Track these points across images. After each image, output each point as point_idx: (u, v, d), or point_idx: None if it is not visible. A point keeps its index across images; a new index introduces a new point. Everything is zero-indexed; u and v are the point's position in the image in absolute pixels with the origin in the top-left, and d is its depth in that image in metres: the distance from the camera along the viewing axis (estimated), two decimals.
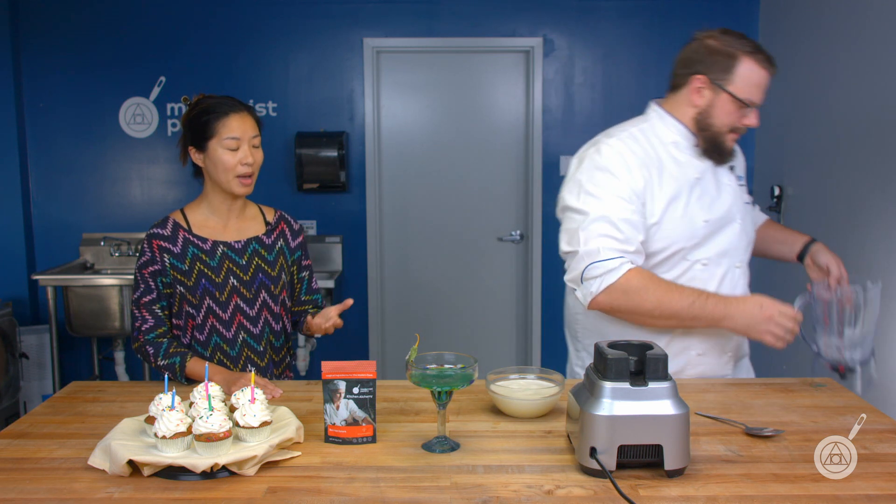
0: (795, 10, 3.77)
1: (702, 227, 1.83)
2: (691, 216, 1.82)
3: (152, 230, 1.93)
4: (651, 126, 1.89)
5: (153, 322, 1.91)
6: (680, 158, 1.85)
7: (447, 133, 4.39)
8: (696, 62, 1.82)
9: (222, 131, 1.86)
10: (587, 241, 1.76)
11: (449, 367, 1.48)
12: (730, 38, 1.79)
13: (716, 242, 1.85)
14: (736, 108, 1.79)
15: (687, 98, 1.84)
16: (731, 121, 1.81)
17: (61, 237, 4.26)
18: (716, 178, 1.88)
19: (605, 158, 1.82)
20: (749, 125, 1.82)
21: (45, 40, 4.15)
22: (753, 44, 1.78)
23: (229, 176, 1.88)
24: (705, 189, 1.85)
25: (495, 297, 4.52)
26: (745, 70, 1.77)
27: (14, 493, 1.28)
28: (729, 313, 1.74)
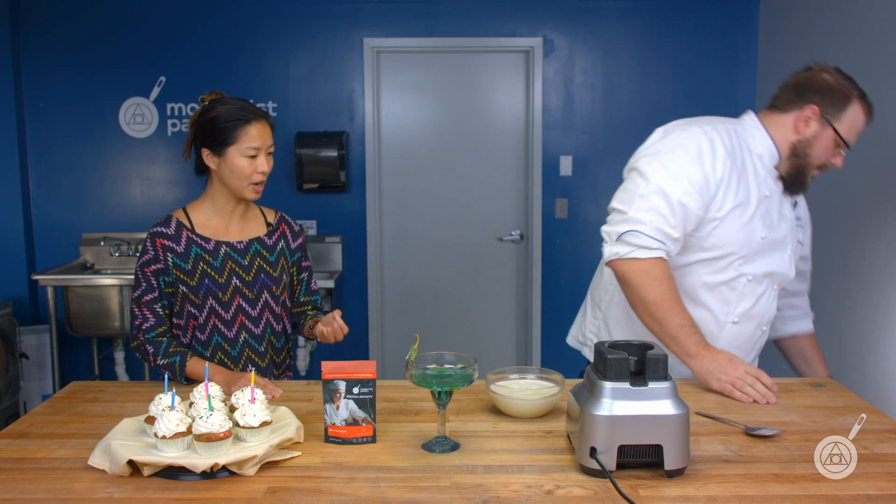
0: (795, 10, 3.77)
1: (758, 242, 1.85)
2: (752, 227, 1.84)
3: (155, 228, 1.92)
4: (744, 130, 1.89)
5: (154, 321, 1.91)
6: (759, 171, 1.87)
7: (447, 133, 4.39)
8: (811, 92, 1.84)
9: (243, 139, 1.86)
10: (639, 209, 1.77)
11: (449, 367, 1.48)
12: (844, 79, 1.84)
13: (766, 262, 1.89)
14: (834, 145, 1.84)
15: (792, 123, 1.86)
16: (825, 157, 1.85)
17: (61, 237, 4.26)
18: (780, 205, 1.91)
19: (692, 141, 1.80)
20: (835, 165, 1.87)
21: (45, 40, 4.16)
22: (862, 90, 1.84)
23: (244, 183, 1.89)
24: (770, 209, 1.88)
25: (495, 297, 4.52)
26: (853, 113, 1.82)
27: (14, 493, 1.28)
28: (701, 354, 1.76)
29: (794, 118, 1.85)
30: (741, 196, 1.82)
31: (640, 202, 1.77)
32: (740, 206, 1.82)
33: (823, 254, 3.39)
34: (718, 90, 4.25)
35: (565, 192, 4.34)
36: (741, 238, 1.83)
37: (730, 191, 1.80)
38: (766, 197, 1.86)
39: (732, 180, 1.81)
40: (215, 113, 1.87)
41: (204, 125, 1.89)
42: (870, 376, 2.98)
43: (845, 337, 3.15)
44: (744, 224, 1.82)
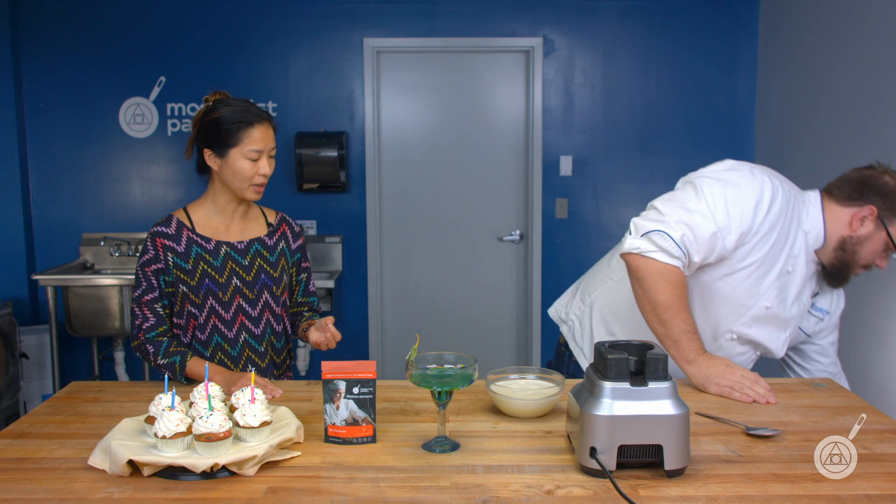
0: (795, 10, 3.77)
1: (760, 309, 1.87)
2: (761, 293, 1.84)
3: (156, 228, 1.92)
4: (803, 203, 1.88)
5: (154, 320, 1.91)
6: (797, 247, 1.85)
7: (447, 133, 4.39)
8: (872, 192, 1.82)
9: (246, 142, 1.86)
10: (678, 218, 1.75)
11: (449, 367, 1.48)
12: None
13: (759, 331, 1.90)
14: (884, 248, 1.84)
15: (848, 218, 1.84)
16: (873, 257, 1.86)
17: (61, 237, 4.26)
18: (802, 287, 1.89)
19: (758, 186, 1.79)
20: (879, 267, 1.88)
21: (45, 40, 4.16)
22: None
23: (245, 185, 1.89)
24: (789, 285, 1.86)
25: (495, 297, 4.52)
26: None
27: (14, 493, 1.28)
28: (699, 360, 1.78)
29: (851, 214, 1.83)
30: (770, 258, 1.81)
31: (682, 213, 1.76)
32: (763, 266, 1.81)
33: None
34: (718, 90, 4.25)
35: (565, 192, 4.34)
36: (745, 296, 1.85)
37: (762, 247, 1.80)
38: (788, 273, 1.85)
39: (770, 239, 1.80)
40: (219, 114, 1.87)
41: (207, 126, 1.88)
42: (870, 376, 2.98)
43: (845, 337, 3.14)
44: (755, 285, 1.83)
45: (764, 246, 1.79)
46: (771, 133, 4.06)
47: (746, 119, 4.26)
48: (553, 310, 2.28)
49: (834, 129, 3.34)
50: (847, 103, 3.22)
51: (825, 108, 3.44)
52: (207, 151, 1.89)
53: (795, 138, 3.74)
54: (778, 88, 3.98)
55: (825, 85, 3.43)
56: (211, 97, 1.92)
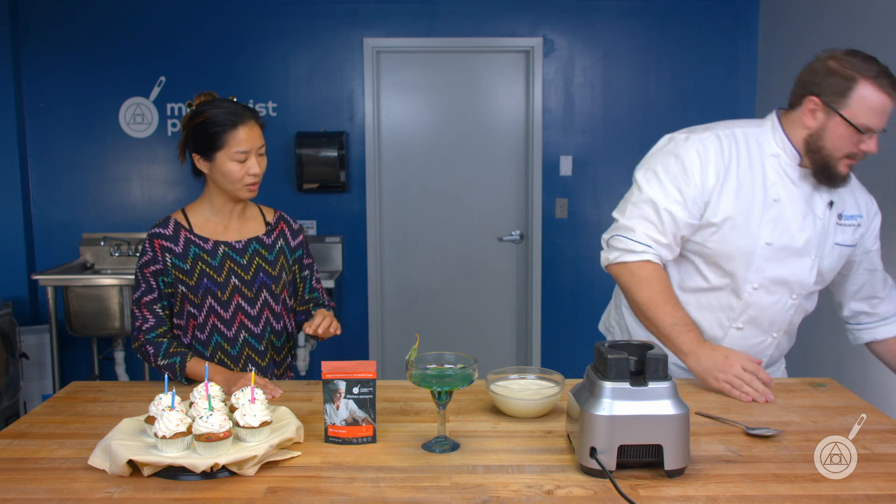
0: (795, 10, 3.77)
1: (762, 248, 1.81)
2: (756, 234, 1.80)
3: (154, 230, 1.93)
4: (761, 132, 1.85)
5: (154, 322, 1.91)
6: (770, 174, 1.82)
7: (447, 133, 4.39)
8: (812, 83, 1.76)
9: (231, 144, 1.84)
10: (630, 217, 1.85)
11: (449, 367, 1.48)
12: (853, 61, 1.71)
13: (776, 270, 1.83)
14: (850, 132, 1.72)
15: (800, 118, 1.79)
16: (844, 146, 1.74)
17: (61, 237, 4.26)
18: (806, 209, 1.82)
19: (686, 150, 1.82)
20: (868, 151, 1.74)
21: (45, 40, 4.15)
22: (878, 67, 1.70)
23: (237, 186, 1.88)
24: (782, 213, 1.81)
25: (495, 297, 4.52)
26: (862, 94, 1.69)
27: (14, 493, 1.28)
28: (696, 353, 1.76)
29: (801, 113, 1.78)
30: (743, 202, 1.80)
31: (631, 210, 1.85)
32: (740, 212, 1.80)
33: None
34: (718, 90, 4.25)
35: (565, 192, 4.34)
36: (742, 244, 1.81)
37: (726, 198, 1.79)
38: (774, 201, 1.80)
39: (729, 187, 1.79)
40: (202, 118, 1.85)
41: (193, 130, 1.87)
42: (870, 376, 2.98)
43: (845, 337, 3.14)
44: (745, 230, 1.80)
45: (727, 194, 1.79)
46: None
47: None
48: (601, 324, 2.26)
49: None
50: None
51: None
52: (196, 156, 1.89)
53: None
54: (778, 88, 3.98)
55: None
56: (197, 99, 1.91)
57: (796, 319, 1.96)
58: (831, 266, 1.89)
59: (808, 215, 1.82)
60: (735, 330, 1.90)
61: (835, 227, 1.86)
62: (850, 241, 1.89)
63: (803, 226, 1.82)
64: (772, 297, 1.86)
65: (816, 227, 1.83)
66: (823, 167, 1.78)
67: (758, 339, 1.92)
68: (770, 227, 1.80)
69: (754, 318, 1.89)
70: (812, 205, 1.83)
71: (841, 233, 1.87)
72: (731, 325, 1.90)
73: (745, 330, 1.90)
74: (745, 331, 1.91)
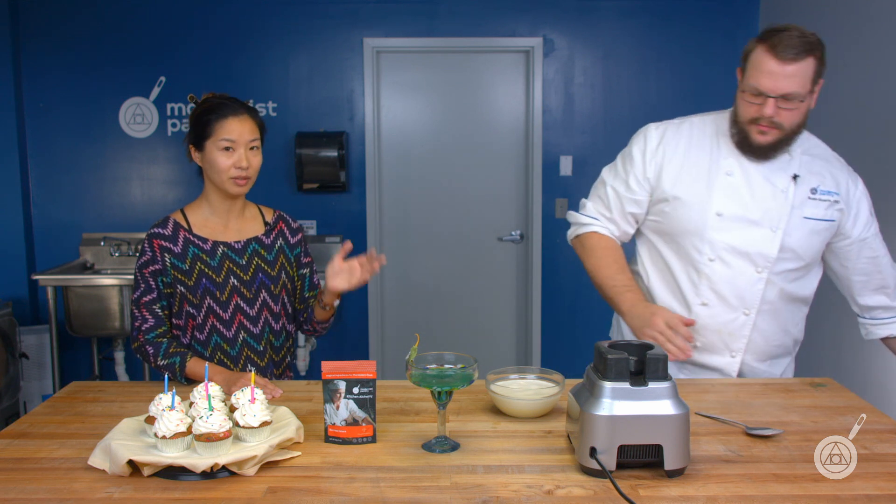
0: (795, 10, 3.77)
1: (713, 219, 1.86)
2: (704, 206, 1.87)
3: (153, 230, 1.93)
4: (722, 116, 1.95)
5: (153, 322, 1.91)
6: (724, 150, 1.90)
7: (447, 133, 4.39)
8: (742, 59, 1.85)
9: (219, 132, 1.86)
10: (589, 195, 2.09)
11: (449, 367, 1.48)
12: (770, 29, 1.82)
13: (730, 240, 1.86)
14: (751, 97, 1.78)
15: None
16: (747, 112, 1.81)
17: (61, 237, 4.26)
18: (760, 181, 1.86)
19: (636, 139, 2.02)
20: (764, 115, 1.78)
21: (45, 40, 4.15)
22: (784, 34, 1.78)
23: (223, 177, 1.88)
24: (735, 186, 1.87)
25: (495, 297, 4.52)
26: (754, 58, 1.79)
27: (14, 493, 1.28)
28: (631, 311, 1.86)
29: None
30: (694, 177, 1.89)
31: (591, 191, 2.10)
32: (691, 186, 1.89)
33: None
34: (718, 90, 4.24)
35: (565, 192, 4.34)
36: (693, 216, 1.88)
37: (669, 177, 1.92)
38: (728, 175, 1.87)
39: (672, 168, 1.92)
40: (199, 110, 1.91)
41: (190, 123, 1.93)
42: (870, 376, 2.98)
43: (845, 337, 3.15)
44: (695, 203, 1.88)
45: (671, 174, 1.92)
46: None
47: None
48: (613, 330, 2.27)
49: (834, 128, 3.34)
50: (847, 103, 3.22)
51: (824, 108, 3.43)
52: (192, 148, 1.93)
53: None
54: None
55: (824, 85, 3.43)
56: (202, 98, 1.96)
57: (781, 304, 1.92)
58: (804, 242, 1.88)
59: (767, 187, 1.86)
60: (700, 306, 1.91)
61: (805, 200, 1.87)
62: (825, 216, 1.89)
63: (760, 197, 1.86)
64: (730, 269, 1.88)
65: (777, 199, 1.86)
66: (742, 136, 1.85)
67: (728, 316, 1.91)
68: (721, 199, 1.86)
69: (717, 293, 1.90)
70: (773, 178, 1.87)
71: (813, 207, 1.88)
72: (696, 300, 1.91)
73: (712, 307, 1.91)
74: (712, 307, 1.91)
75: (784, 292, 1.92)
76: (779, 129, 1.80)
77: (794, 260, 1.89)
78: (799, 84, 1.76)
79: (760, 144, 1.83)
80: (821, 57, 1.82)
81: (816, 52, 1.80)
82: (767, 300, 1.91)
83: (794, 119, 1.80)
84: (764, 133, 1.81)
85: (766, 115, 1.77)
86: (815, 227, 1.88)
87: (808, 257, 1.90)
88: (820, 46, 1.82)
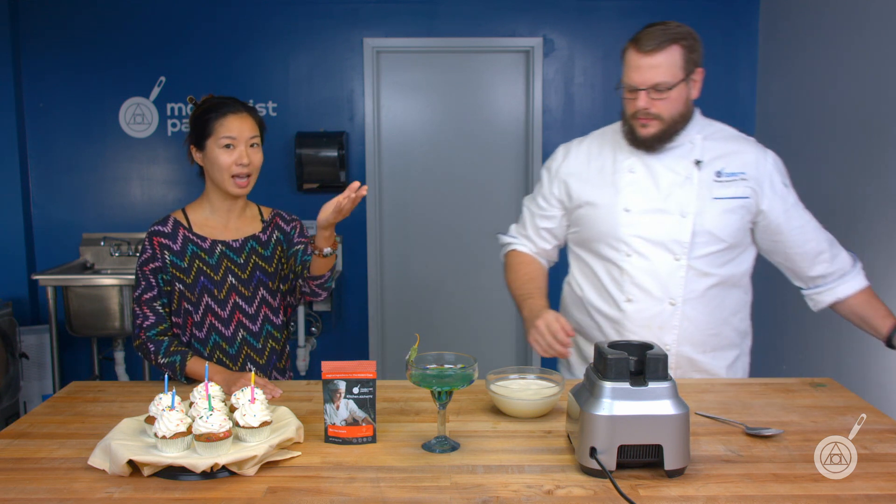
0: (795, 10, 3.77)
1: (623, 215, 1.91)
2: (613, 205, 1.93)
3: (153, 227, 1.94)
4: (619, 124, 2.03)
5: (154, 319, 1.91)
6: (624, 152, 1.97)
7: (447, 133, 4.39)
8: None
9: (219, 130, 1.88)
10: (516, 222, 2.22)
11: (449, 367, 1.48)
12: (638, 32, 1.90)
13: (642, 232, 1.90)
14: (628, 94, 1.90)
15: None
16: (628, 108, 1.92)
17: (61, 237, 4.25)
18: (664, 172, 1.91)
19: (546, 162, 2.17)
20: (640, 108, 1.87)
21: (45, 40, 4.15)
22: (643, 30, 1.90)
23: (224, 175, 1.89)
24: (639, 181, 1.93)
25: (495, 297, 4.52)
26: (625, 57, 1.93)
27: (14, 493, 1.28)
28: (527, 318, 1.92)
29: None
30: (598, 182, 1.97)
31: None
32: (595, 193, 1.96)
33: None
34: (718, 90, 4.25)
35: None
36: (606, 217, 1.94)
37: (576, 187, 2.01)
38: (632, 172, 1.94)
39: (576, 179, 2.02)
40: (199, 111, 1.93)
41: (191, 124, 1.95)
42: (870, 376, 2.98)
43: (845, 337, 3.15)
44: (606, 205, 1.94)
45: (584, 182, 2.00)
46: (771, 133, 4.06)
47: (746, 119, 4.25)
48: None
49: (834, 129, 3.34)
50: (847, 103, 3.22)
51: (825, 108, 3.44)
52: (193, 148, 1.94)
53: (795, 138, 3.74)
54: (778, 88, 3.98)
55: (825, 85, 3.43)
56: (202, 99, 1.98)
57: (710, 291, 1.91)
58: (719, 222, 1.88)
59: (672, 177, 1.91)
60: (627, 303, 1.93)
61: (711, 183, 1.90)
62: (736, 194, 1.90)
63: (665, 187, 1.90)
64: (648, 261, 1.91)
65: (684, 186, 1.89)
66: (630, 132, 1.93)
67: (654, 308, 1.91)
68: (627, 195, 1.92)
69: (640, 287, 1.91)
70: (676, 167, 1.91)
71: (721, 188, 1.89)
72: (622, 298, 1.93)
73: (637, 302, 1.92)
74: (637, 302, 1.92)
75: (711, 278, 1.91)
76: (658, 120, 1.87)
77: (713, 243, 1.89)
78: (665, 73, 1.85)
79: (645, 137, 1.89)
80: (690, 46, 1.91)
81: (682, 41, 1.88)
82: (693, 288, 1.90)
83: (672, 108, 1.87)
84: (645, 126, 1.88)
85: (641, 108, 1.86)
86: (727, 205, 1.89)
87: (728, 238, 1.90)
88: (687, 36, 1.90)
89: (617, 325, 1.95)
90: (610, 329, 1.97)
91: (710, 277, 1.91)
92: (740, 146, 1.97)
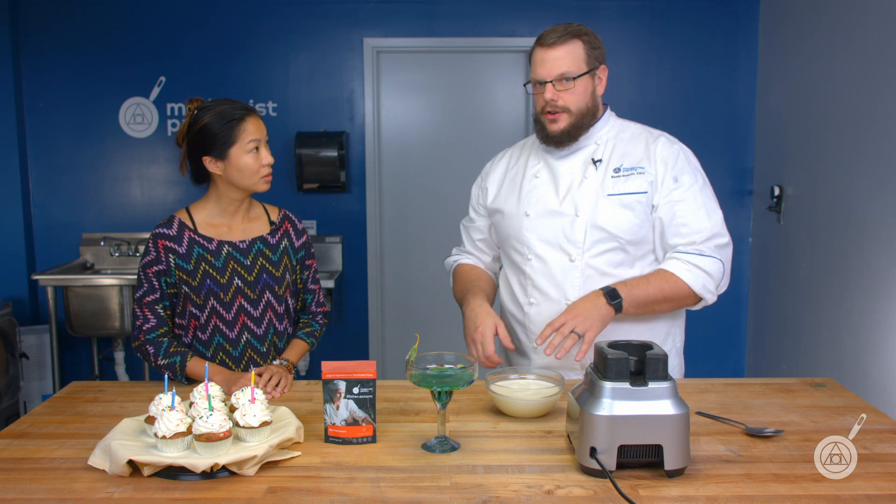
0: (795, 10, 3.77)
1: (524, 219, 1.96)
2: (515, 211, 1.99)
3: (158, 230, 1.92)
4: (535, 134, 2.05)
5: (154, 321, 1.91)
6: (533, 158, 2.02)
7: (447, 133, 4.39)
8: None
9: (243, 136, 1.85)
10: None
11: (449, 367, 1.48)
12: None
13: (539, 234, 1.94)
14: (536, 90, 1.91)
15: None
16: (537, 104, 1.93)
17: (61, 237, 4.26)
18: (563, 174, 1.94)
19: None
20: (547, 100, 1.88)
21: (45, 40, 4.15)
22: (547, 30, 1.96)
23: (255, 178, 1.89)
24: (541, 185, 1.97)
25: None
26: (532, 57, 1.94)
27: (14, 493, 1.28)
28: (464, 323, 1.94)
29: None
30: (505, 192, 2.03)
31: None
32: (505, 199, 2.02)
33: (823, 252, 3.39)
34: (718, 90, 4.25)
35: None
36: (512, 223, 1.99)
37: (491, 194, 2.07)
38: (536, 177, 1.98)
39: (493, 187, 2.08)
40: (205, 121, 1.85)
41: (197, 135, 1.87)
42: (870, 376, 2.98)
43: (845, 337, 3.15)
44: (511, 211, 1.99)
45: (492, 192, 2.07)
46: (771, 133, 4.06)
47: (746, 119, 4.25)
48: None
49: (834, 129, 3.34)
50: (847, 103, 3.22)
51: (825, 108, 3.44)
52: (207, 158, 1.87)
53: (795, 138, 3.74)
54: (778, 88, 3.98)
55: (825, 85, 3.43)
56: (190, 103, 1.91)
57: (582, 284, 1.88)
58: (614, 218, 1.86)
59: (571, 178, 1.94)
60: (529, 306, 1.96)
61: (607, 179, 1.90)
62: (633, 189, 1.87)
63: (563, 189, 1.93)
64: (545, 263, 1.94)
65: (582, 186, 1.91)
66: (541, 129, 1.94)
67: (553, 310, 1.90)
68: (529, 200, 1.97)
69: (540, 290, 1.94)
70: (575, 169, 1.94)
71: (617, 183, 1.89)
72: (526, 301, 1.97)
73: (538, 304, 1.95)
74: (539, 305, 1.94)
75: (609, 278, 1.87)
76: (567, 113, 1.89)
77: (608, 240, 1.87)
78: (569, 64, 1.88)
79: (555, 132, 1.91)
80: (591, 42, 1.95)
81: (583, 36, 1.94)
82: (591, 289, 1.85)
83: (579, 100, 1.89)
84: (555, 121, 1.90)
85: (549, 100, 1.88)
86: (622, 201, 1.87)
87: (624, 234, 1.87)
88: (589, 33, 1.97)
89: (523, 326, 1.99)
90: (519, 330, 2.01)
91: (609, 278, 1.87)
92: (645, 141, 1.96)
